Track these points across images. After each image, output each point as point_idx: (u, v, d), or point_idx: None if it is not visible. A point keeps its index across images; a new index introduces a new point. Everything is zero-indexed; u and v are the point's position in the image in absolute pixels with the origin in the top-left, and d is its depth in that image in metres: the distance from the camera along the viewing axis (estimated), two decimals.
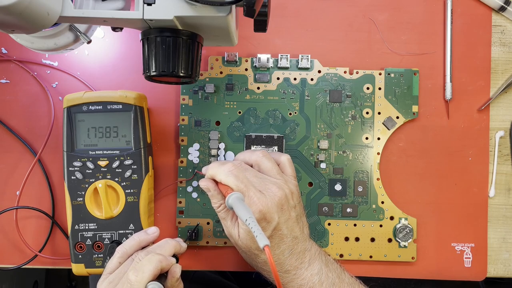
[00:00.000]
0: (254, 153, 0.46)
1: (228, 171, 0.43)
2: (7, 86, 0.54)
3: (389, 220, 0.52)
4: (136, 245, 0.45)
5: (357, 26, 0.54)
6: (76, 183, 0.49)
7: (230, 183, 0.42)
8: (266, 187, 0.43)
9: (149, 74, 0.39)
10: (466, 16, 0.54)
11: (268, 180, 0.44)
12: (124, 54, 0.54)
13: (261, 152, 0.46)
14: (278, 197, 0.42)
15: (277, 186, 0.43)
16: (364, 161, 0.53)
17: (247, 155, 0.47)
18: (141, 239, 0.45)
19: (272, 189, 0.43)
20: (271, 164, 0.45)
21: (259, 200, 0.41)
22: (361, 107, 0.53)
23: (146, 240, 0.45)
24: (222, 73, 0.53)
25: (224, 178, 0.43)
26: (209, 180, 0.45)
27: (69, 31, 0.43)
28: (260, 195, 0.42)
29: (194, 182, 0.53)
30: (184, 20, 0.37)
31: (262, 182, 0.43)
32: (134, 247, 0.45)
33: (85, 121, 0.49)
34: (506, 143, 0.55)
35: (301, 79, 0.53)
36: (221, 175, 0.43)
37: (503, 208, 0.54)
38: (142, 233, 0.46)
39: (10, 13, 0.30)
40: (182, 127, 0.53)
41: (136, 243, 0.45)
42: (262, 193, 0.42)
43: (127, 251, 0.44)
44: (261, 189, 0.43)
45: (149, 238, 0.46)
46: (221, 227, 0.52)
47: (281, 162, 0.47)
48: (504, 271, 0.54)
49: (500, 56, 0.54)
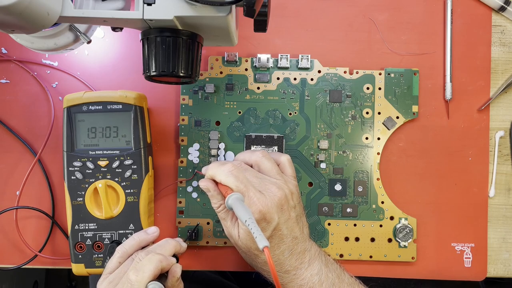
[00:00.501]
0: (254, 153, 0.46)
1: (228, 171, 0.43)
2: (7, 86, 0.54)
3: (389, 220, 0.52)
4: (136, 244, 0.45)
5: (357, 26, 0.54)
6: (76, 183, 0.49)
7: (230, 184, 0.42)
8: (266, 187, 0.43)
9: (149, 74, 0.39)
10: (466, 16, 0.54)
11: (268, 180, 0.44)
12: (124, 54, 0.54)
13: (261, 152, 0.46)
14: (278, 197, 0.42)
15: (277, 186, 0.43)
16: (364, 161, 0.53)
17: (247, 156, 0.47)
18: (141, 239, 0.45)
19: (272, 189, 0.43)
20: (271, 164, 0.45)
21: (259, 200, 0.41)
22: (361, 107, 0.53)
23: (146, 240, 0.45)
24: (222, 73, 0.53)
25: (224, 178, 0.43)
26: (209, 181, 0.45)
27: (69, 31, 0.43)
28: (260, 196, 0.42)
29: (194, 182, 0.53)
30: (184, 20, 0.37)
31: (262, 182, 0.43)
32: (134, 246, 0.45)
33: (85, 121, 0.49)
34: (506, 143, 0.55)
35: (301, 79, 0.53)
36: (221, 175, 0.43)
37: (503, 208, 0.54)
38: (142, 233, 0.46)
39: (10, 13, 0.30)
40: (182, 127, 0.53)
41: (136, 243, 0.45)
42: (262, 193, 0.42)
43: (127, 251, 0.44)
44: (261, 189, 0.43)
45: (149, 238, 0.46)
46: (221, 227, 0.52)
47: (281, 162, 0.47)
48: (504, 271, 0.54)
49: (500, 56, 0.54)
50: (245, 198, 0.41)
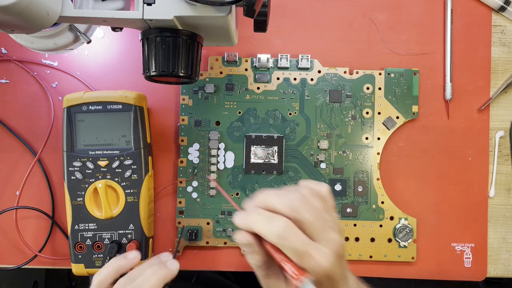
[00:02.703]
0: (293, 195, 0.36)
1: (281, 234, 0.33)
2: (7, 86, 0.54)
3: (389, 220, 0.52)
4: (113, 272, 0.41)
5: (357, 26, 0.54)
6: (76, 183, 0.49)
7: (288, 250, 0.34)
8: (324, 236, 0.35)
9: (149, 74, 0.39)
10: (466, 16, 0.54)
11: (322, 222, 0.35)
12: (124, 54, 0.54)
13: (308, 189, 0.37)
14: (339, 244, 0.35)
15: (334, 230, 0.36)
16: (364, 161, 0.53)
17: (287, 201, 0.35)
18: (120, 265, 0.42)
19: (331, 236, 0.35)
20: (320, 203, 0.36)
21: (325, 258, 0.34)
22: (361, 107, 0.53)
23: (125, 267, 0.42)
24: (222, 73, 0.53)
25: (278, 242, 0.34)
26: (249, 235, 0.35)
27: (69, 31, 0.43)
28: (322, 252, 0.34)
29: (194, 182, 0.53)
30: (184, 20, 0.37)
31: (319, 231, 0.35)
32: (112, 275, 0.41)
33: (85, 121, 0.49)
34: (506, 143, 0.55)
35: (301, 79, 0.53)
36: (271, 236, 0.34)
37: (503, 208, 0.54)
38: (121, 258, 0.43)
39: (10, 13, 0.30)
40: (182, 127, 0.53)
41: (113, 271, 0.41)
42: (323, 248, 0.34)
43: (103, 280, 0.40)
44: (321, 239, 0.35)
45: (129, 264, 0.42)
46: (221, 227, 0.52)
47: (320, 192, 0.38)
48: (504, 271, 0.54)
49: (500, 56, 0.54)
50: (305, 258, 0.33)
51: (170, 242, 0.53)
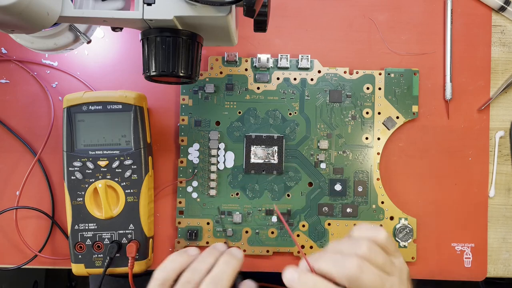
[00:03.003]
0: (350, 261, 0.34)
1: None
2: (7, 86, 0.54)
3: (389, 220, 0.52)
4: (178, 268, 0.39)
5: (357, 26, 0.54)
6: (76, 183, 0.49)
7: None
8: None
9: (149, 74, 0.39)
10: (466, 16, 0.54)
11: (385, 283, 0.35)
12: (124, 54, 0.54)
13: (363, 248, 0.35)
14: None
15: (400, 281, 0.37)
16: (364, 161, 0.53)
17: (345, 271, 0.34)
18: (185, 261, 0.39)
19: None
20: (381, 257, 0.36)
21: None
22: (361, 107, 0.53)
23: (188, 263, 0.40)
24: (222, 73, 0.53)
25: None
26: (321, 280, 0.35)
27: (69, 31, 0.43)
28: None
29: (194, 182, 0.53)
30: (184, 20, 0.37)
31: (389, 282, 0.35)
32: (176, 271, 0.39)
33: (85, 121, 0.49)
34: (506, 143, 0.55)
35: (301, 79, 0.53)
36: None
37: (503, 208, 0.54)
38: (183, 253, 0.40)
39: (10, 13, 0.30)
40: (182, 127, 0.53)
41: (179, 266, 0.39)
42: None
43: (169, 277, 0.38)
44: None
45: (190, 261, 0.40)
46: (221, 227, 0.52)
47: (379, 241, 0.37)
48: (504, 271, 0.54)
49: (500, 56, 0.54)
50: None
51: (170, 242, 0.53)
